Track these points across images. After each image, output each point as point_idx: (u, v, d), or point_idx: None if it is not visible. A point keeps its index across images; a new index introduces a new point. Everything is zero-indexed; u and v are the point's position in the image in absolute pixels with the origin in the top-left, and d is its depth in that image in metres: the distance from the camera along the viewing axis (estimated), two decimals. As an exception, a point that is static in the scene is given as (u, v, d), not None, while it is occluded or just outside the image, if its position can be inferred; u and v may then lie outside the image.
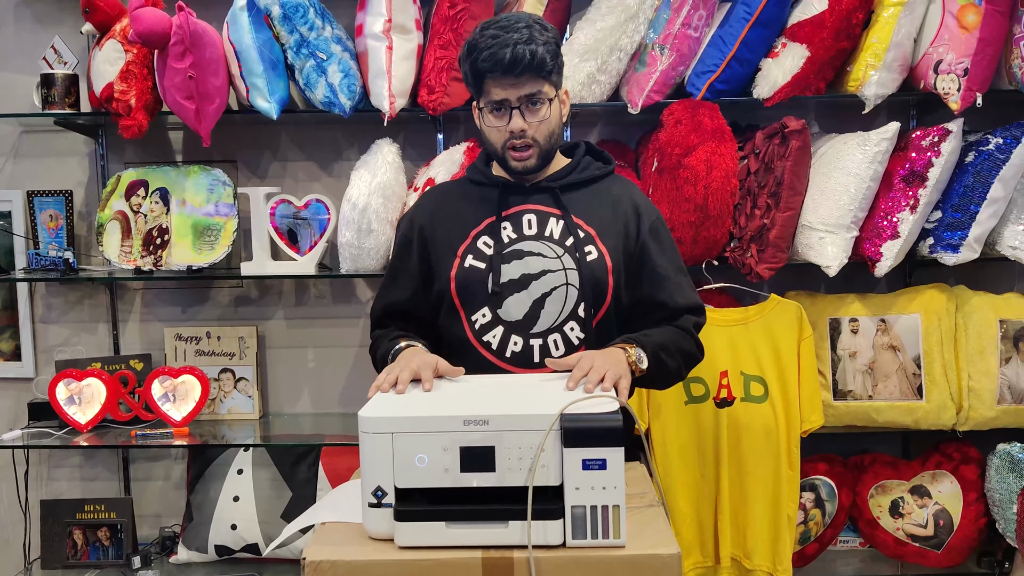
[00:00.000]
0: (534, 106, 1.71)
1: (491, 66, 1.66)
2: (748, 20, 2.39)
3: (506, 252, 1.75)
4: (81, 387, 2.62)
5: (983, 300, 2.52)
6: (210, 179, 2.66)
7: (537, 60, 1.65)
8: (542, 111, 1.71)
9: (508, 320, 1.73)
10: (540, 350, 1.72)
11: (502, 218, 1.78)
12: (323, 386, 2.89)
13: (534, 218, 1.77)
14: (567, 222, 1.76)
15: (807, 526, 2.61)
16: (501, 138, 1.73)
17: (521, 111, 1.70)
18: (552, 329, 1.73)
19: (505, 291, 1.73)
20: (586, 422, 1.26)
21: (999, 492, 2.50)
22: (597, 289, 1.73)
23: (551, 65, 1.69)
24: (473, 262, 1.76)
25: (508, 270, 1.74)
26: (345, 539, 1.32)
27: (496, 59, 1.65)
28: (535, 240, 1.75)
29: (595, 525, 1.25)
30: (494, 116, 1.73)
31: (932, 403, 2.48)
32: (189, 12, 2.34)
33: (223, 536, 2.64)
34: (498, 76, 1.67)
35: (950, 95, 2.38)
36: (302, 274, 2.61)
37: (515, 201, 1.80)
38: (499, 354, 1.74)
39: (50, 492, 2.89)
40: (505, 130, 1.72)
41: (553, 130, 1.75)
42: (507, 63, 1.64)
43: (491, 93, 1.70)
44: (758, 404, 2.44)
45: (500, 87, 1.68)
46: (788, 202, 2.39)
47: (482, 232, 1.78)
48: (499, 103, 1.70)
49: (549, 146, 1.76)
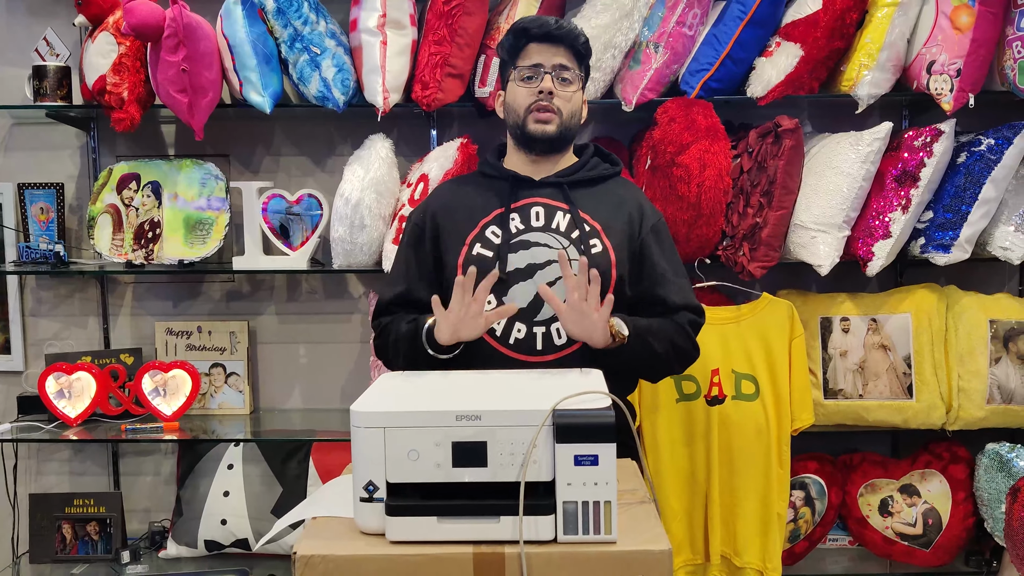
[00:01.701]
0: (564, 80, 1.80)
1: (537, 26, 1.80)
2: (742, 19, 2.40)
3: (513, 242, 1.79)
4: (71, 381, 2.61)
5: (973, 300, 2.53)
6: (202, 173, 2.65)
7: (578, 36, 1.82)
8: (571, 88, 1.81)
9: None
10: (543, 338, 1.76)
11: (511, 209, 1.82)
12: (314, 382, 2.89)
13: (542, 210, 1.82)
14: (574, 216, 1.80)
15: (797, 524, 2.62)
16: (528, 99, 1.80)
17: (553, 77, 1.79)
18: (555, 318, 1.76)
19: (511, 279, 1.77)
20: (578, 418, 1.26)
21: (988, 491, 2.51)
22: (600, 281, 1.75)
23: (585, 52, 1.82)
24: (481, 250, 1.80)
25: (515, 259, 1.78)
26: (336, 534, 1.32)
27: (542, 21, 1.81)
28: (542, 232, 1.80)
29: (587, 521, 1.25)
30: (524, 81, 1.81)
31: (922, 402, 2.49)
32: (183, 5, 2.33)
33: (213, 531, 2.63)
34: (541, 39, 1.80)
35: (943, 96, 2.38)
36: (294, 269, 2.61)
37: (524, 194, 1.84)
38: (503, 340, 1.77)
39: (39, 486, 2.87)
40: (535, 91, 1.79)
41: (575, 111, 1.83)
42: (553, 26, 1.80)
43: (530, 56, 1.80)
44: (749, 402, 2.45)
45: (539, 52, 1.80)
46: (781, 201, 2.39)
47: (491, 222, 1.82)
48: (534, 67, 1.79)
49: (569, 124, 1.83)
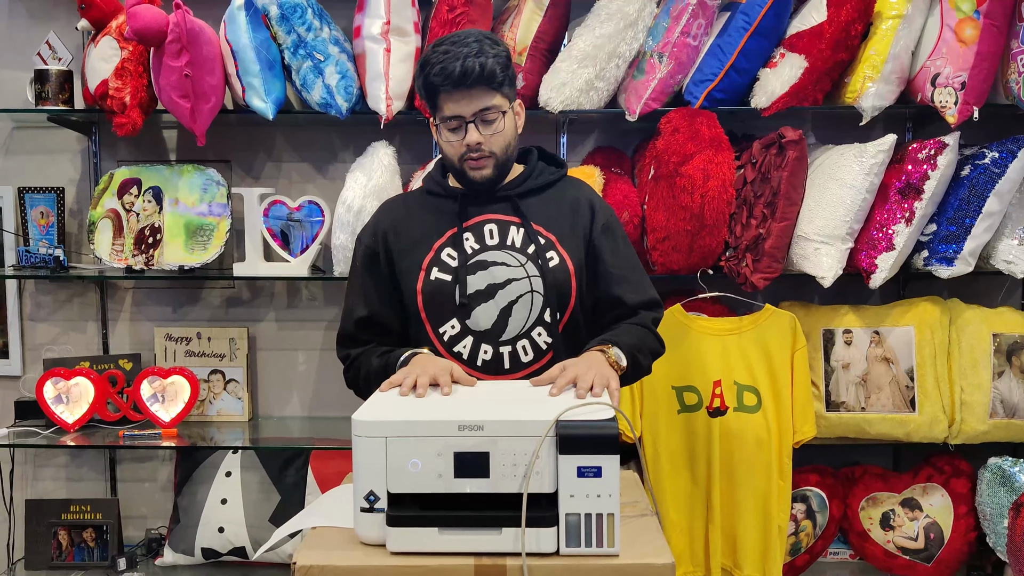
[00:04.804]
0: (488, 120, 1.72)
1: (442, 80, 1.68)
2: (747, 30, 2.39)
3: (470, 263, 1.76)
4: (69, 386, 2.60)
5: (976, 314, 2.52)
6: (204, 179, 2.64)
7: (487, 72, 1.68)
8: (496, 124, 1.74)
9: (477, 330, 1.75)
10: (510, 356, 1.75)
11: (463, 229, 1.79)
12: (313, 389, 2.87)
13: (495, 228, 1.79)
14: (527, 230, 1.78)
15: (798, 537, 2.60)
16: (458, 152, 1.75)
17: (476, 125, 1.72)
18: (520, 336, 1.75)
19: (472, 302, 1.75)
20: (582, 429, 1.25)
21: (990, 506, 2.50)
22: (561, 293, 1.76)
23: (501, 77, 1.71)
24: (439, 275, 1.77)
25: (474, 281, 1.75)
26: (336, 544, 1.31)
27: (447, 72, 1.67)
28: (498, 250, 1.77)
29: (589, 533, 1.24)
30: (450, 131, 1.74)
31: (924, 416, 2.48)
32: (186, 10, 2.33)
33: (210, 539, 2.61)
34: (450, 90, 1.69)
35: (947, 108, 2.38)
36: (295, 276, 2.60)
37: (474, 212, 1.81)
38: (470, 363, 1.75)
39: (35, 492, 2.86)
40: (461, 144, 1.74)
41: (509, 142, 1.77)
42: (457, 76, 1.67)
43: (445, 109, 1.72)
44: (751, 414, 2.43)
45: (453, 102, 1.71)
46: (784, 212, 2.38)
47: (445, 244, 1.79)
48: (455, 118, 1.72)
49: (505, 157, 1.78)
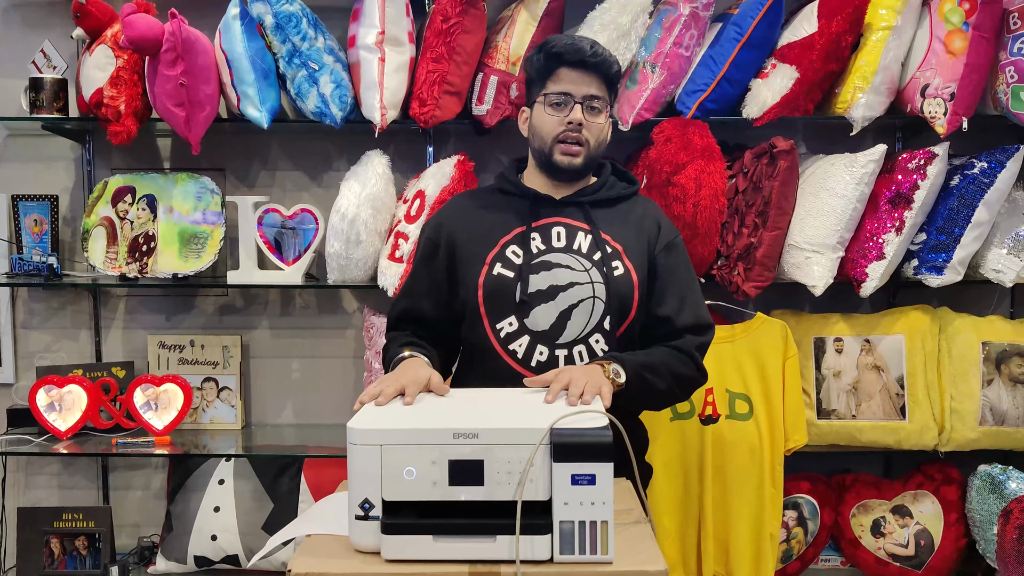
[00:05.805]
0: (594, 110, 1.77)
1: (572, 52, 1.75)
2: (739, 41, 2.42)
3: (534, 263, 1.76)
4: (62, 394, 2.60)
5: (966, 322, 2.54)
6: (198, 187, 2.65)
7: (611, 65, 1.78)
8: (598, 115, 1.78)
9: (535, 330, 1.74)
10: (565, 360, 1.73)
11: (532, 228, 1.80)
12: (307, 397, 2.87)
13: (563, 231, 1.79)
14: (595, 237, 1.78)
15: (789, 544, 2.61)
16: (556, 129, 1.77)
17: (583, 108, 1.75)
18: (578, 340, 1.74)
19: (533, 301, 1.74)
20: (576, 437, 1.25)
21: (980, 513, 2.51)
22: (623, 303, 1.75)
23: (614, 76, 1.79)
24: (501, 270, 1.77)
25: (536, 280, 1.75)
26: (331, 551, 1.31)
27: (576, 47, 1.75)
28: (563, 252, 1.77)
29: (583, 541, 1.25)
30: (552, 107, 1.77)
31: (915, 424, 2.50)
32: (181, 19, 2.33)
33: (203, 547, 2.61)
34: (573, 64, 1.75)
35: (936, 119, 2.40)
36: (289, 284, 2.60)
37: (545, 213, 1.81)
38: (524, 363, 1.74)
39: (28, 500, 2.84)
40: (563, 121, 1.76)
41: (602, 139, 1.81)
42: (587, 53, 1.75)
43: (561, 82, 1.76)
44: (743, 422, 2.45)
45: (570, 79, 1.76)
46: (775, 221, 2.40)
47: (511, 241, 1.79)
48: (564, 95, 1.75)
49: (595, 153, 1.81)
